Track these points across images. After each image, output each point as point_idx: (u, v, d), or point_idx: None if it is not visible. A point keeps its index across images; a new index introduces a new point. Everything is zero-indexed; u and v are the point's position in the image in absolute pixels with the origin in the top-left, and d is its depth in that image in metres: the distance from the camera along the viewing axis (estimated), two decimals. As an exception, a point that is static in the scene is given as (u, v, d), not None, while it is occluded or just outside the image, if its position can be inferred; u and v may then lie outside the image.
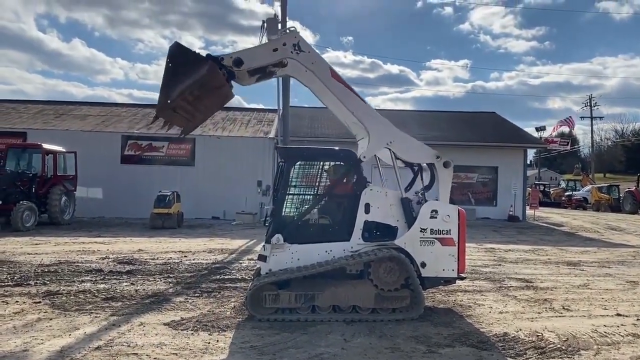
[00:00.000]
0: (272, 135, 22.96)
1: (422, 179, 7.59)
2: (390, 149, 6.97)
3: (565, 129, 52.81)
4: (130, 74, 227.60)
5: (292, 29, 7.02)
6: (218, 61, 6.61)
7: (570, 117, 51.75)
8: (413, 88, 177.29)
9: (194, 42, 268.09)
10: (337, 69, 6.99)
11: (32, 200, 16.74)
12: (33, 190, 17.32)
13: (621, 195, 35.28)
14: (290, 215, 7.03)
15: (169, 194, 18.34)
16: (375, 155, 7.08)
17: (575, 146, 72.32)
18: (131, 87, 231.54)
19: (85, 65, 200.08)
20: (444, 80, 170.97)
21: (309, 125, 25.76)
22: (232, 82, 6.87)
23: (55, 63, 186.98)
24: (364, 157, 6.86)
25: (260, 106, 54.65)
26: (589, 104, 59.64)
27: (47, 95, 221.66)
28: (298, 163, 7.16)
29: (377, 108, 7.57)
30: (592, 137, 60.80)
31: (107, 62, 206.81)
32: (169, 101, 6.37)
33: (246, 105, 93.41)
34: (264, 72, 6.98)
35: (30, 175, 17.56)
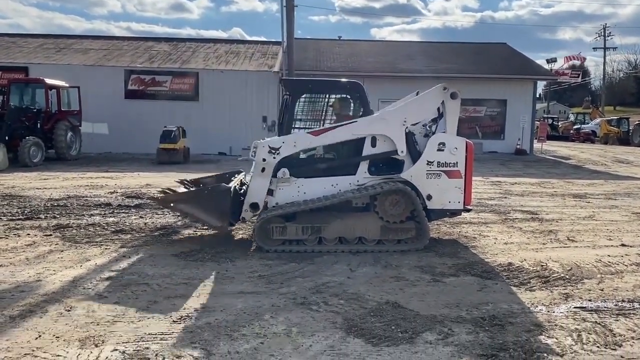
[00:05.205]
0: (276, 68, 22.50)
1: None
2: (408, 126, 6.83)
3: (576, 62, 51.49)
4: (127, 5, 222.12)
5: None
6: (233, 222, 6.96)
7: (580, 53, 50.40)
8: (420, 18, 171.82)
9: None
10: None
11: (38, 136, 16.72)
12: (38, 126, 17.29)
13: (631, 128, 34.82)
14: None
15: (174, 129, 18.26)
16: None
17: (586, 78, 70.81)
18: (129, 19, 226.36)
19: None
20: (452, 10, 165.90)
21: (314, 58, 25.19)
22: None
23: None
24: (402, 152, 6.69)
25: (263, 39, 53.44)
26: (602, 34, 57.88)
27: (44, 29, 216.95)
28: (303, 96, 7.02)
29: (383, 40, 7.30)
30: (604, 68, 59.45)
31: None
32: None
33: (249, 38, 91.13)
34: None
35: (35, 110, 17.46)
